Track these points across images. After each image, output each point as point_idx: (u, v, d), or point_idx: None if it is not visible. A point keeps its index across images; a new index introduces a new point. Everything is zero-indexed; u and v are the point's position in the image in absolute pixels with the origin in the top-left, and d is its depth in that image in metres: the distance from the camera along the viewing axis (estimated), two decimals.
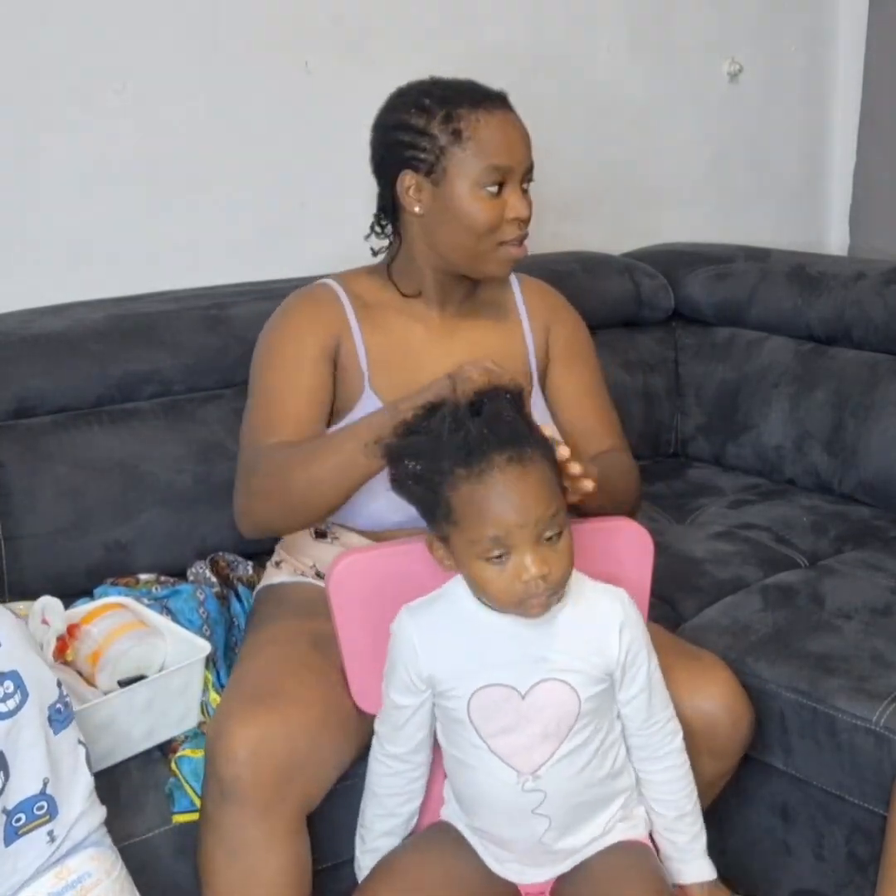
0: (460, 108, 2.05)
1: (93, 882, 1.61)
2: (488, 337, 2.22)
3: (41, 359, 2.40)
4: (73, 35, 2.56)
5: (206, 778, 1.84)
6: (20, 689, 1.56)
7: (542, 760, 1.75)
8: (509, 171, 2.06)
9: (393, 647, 1.79)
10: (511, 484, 1.60)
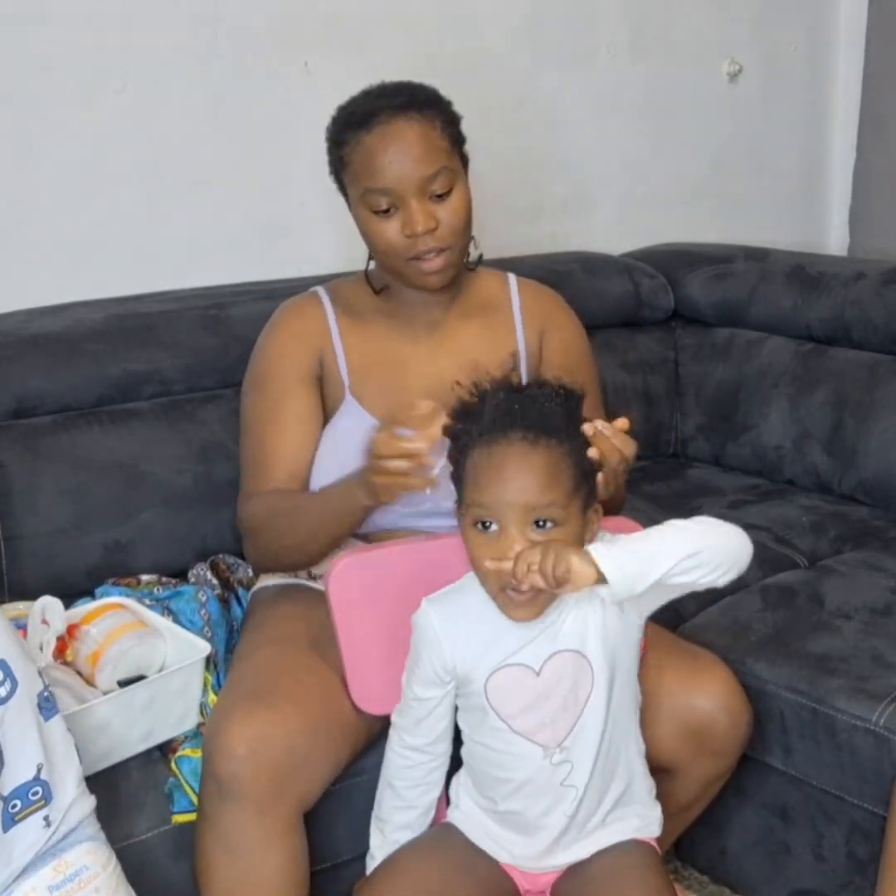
0: (346, 133, 2.06)
1: (90, 875, 1.63)
2: (478, 339, 2.20)
3: (41, 359, 2.40)
4: (72, 35, 2.56)
5: (204, 776, 1.85)
6: (9, 677, 1.58)
7: (565, 732, 1.76)
8: (387, 192, 2.02)
9: (417, 638, 1.80)
10: (512, 458, 1.62)
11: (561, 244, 3.41)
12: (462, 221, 2.06)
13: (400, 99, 2.03)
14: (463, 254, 2.12)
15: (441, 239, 2.03)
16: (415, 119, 2.02)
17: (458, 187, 2.06)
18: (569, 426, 1.66)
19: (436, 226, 2.02)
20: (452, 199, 2.04)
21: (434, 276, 2.07)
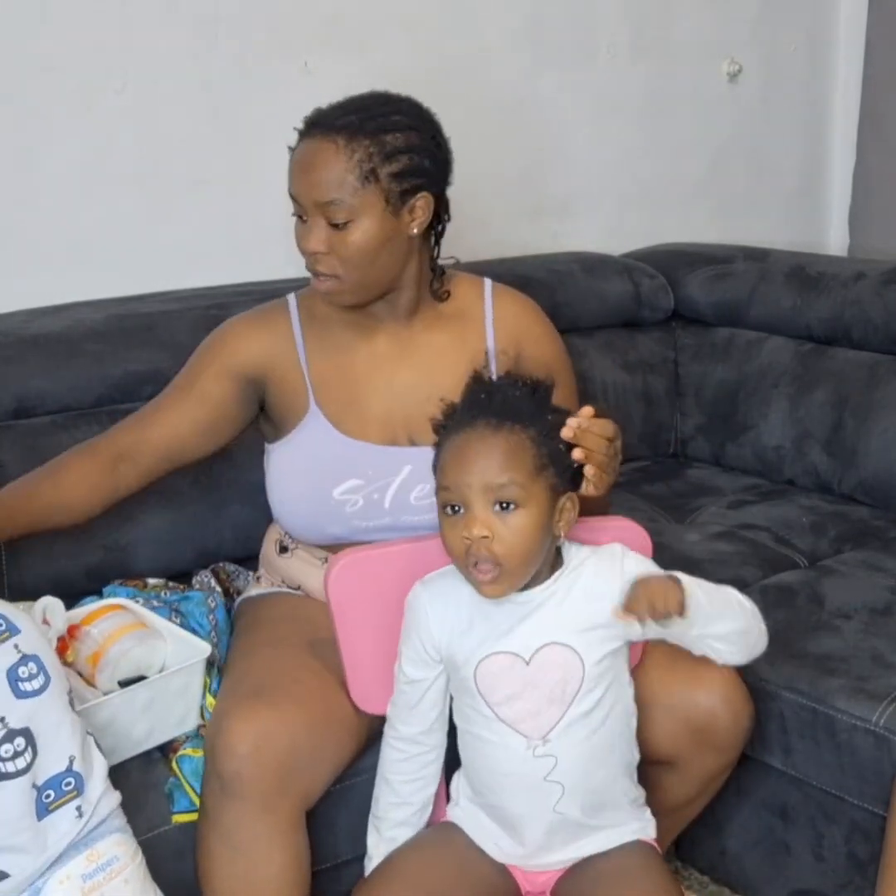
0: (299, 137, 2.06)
1: (121, 866, 1.67)
2: (444, 350, 2.17)
3: (41, 359, 2.40)
4: (73, 36, 2.57)
5: (207, 775, 1.86)
6: (42, 671, 1.63)
7: (550, 725, 1.77)
8: (295, 199, 2.03)
9: (407, 617, 1.83)
10: (473, 442, 1.69)
11: (561, 244, 3.42)
12: (356, 257, 2.00)
13: (338, 119, 2.00)
14: (363, 287, 2.06)
15: (330, 266, 2.01)
16: (332, 143, 1.98)
17: (362, 223, 1.98)
18: (533, 412, 1.72)
19: (326, 251, 2.00)
20: (349, 233, 1.99)
21: (325, 295, 2.08)
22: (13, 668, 1.61)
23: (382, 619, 1.90)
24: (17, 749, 1.58)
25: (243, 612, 2.24)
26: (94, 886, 1.63)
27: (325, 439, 2.12)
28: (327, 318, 2.17)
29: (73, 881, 1.62)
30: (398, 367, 2.16)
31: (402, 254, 2.07)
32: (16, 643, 1.62)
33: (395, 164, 2.00)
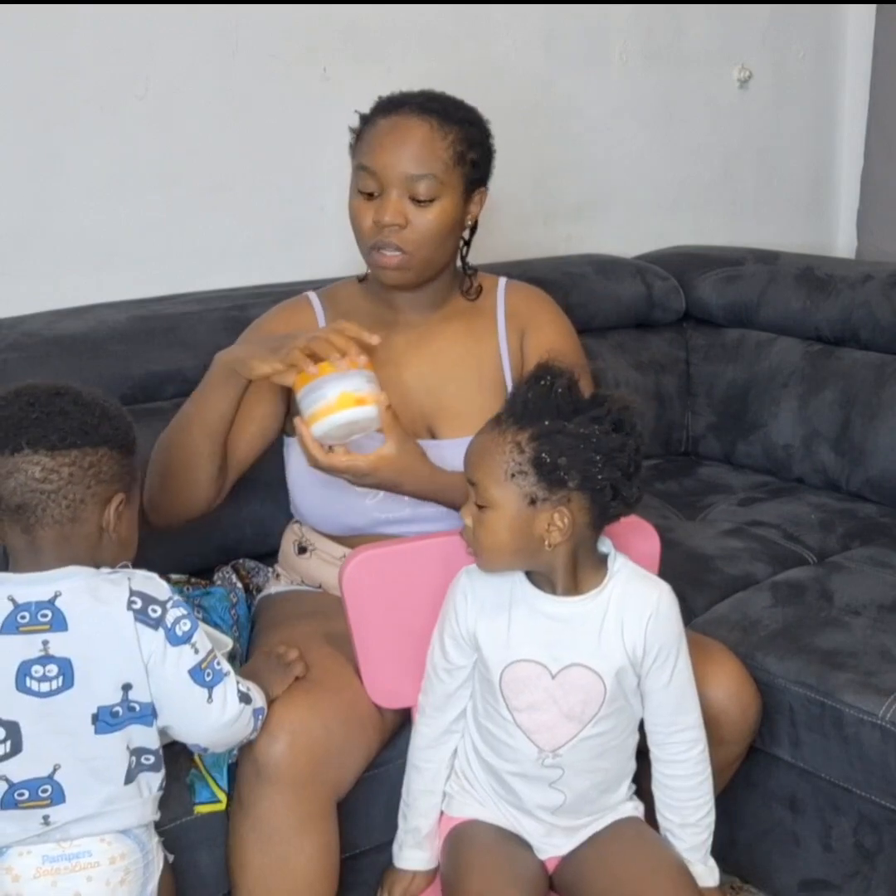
0: (373, 114, 2.09)
1: (90, 862, 1.62)
2: (458, 345, 2.21)
3: (65, 359, 2.40)
4: (96, 42, 2.58)
5: (242, 763, 1.86)
6: (65, 677, 1.58)
7: (562, 741, 1.79)
8: (374, 173, 2.03)
9: (447, 600, 1.84)
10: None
11: (575, 247, 3.43)
12: (431, 234, 2.05)
13: (428, 103, 2.07)
14: (428, 266, 2.10)
15: (404, 240, 2.04)
16: (428, 122, 2.04)
17: (443, 202, 2.05)
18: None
19: (404, 224, 2.03)
20: (431, 210, 2.04)
21: (388, 271, 2.08)
22: (28, 663, 1.58)
23: (397, 615, 1.92)
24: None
25: (263, 609, 2.25)
26: (50, 871, 1.60)
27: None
28: (349, 313, 2.17)
29: (31, 857, 1.60)
30: (412, 359, 2.18)
31: (456, 241, 2.14)
32: (47, 639, 1.58)
33: (475, 153, 2.08)
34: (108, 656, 1.61)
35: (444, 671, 1.85)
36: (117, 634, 1.61)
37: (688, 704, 1.85)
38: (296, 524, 2.29)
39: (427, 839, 1.92)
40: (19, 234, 2.58)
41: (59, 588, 1.59)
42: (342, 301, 2.24)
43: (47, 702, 1.59)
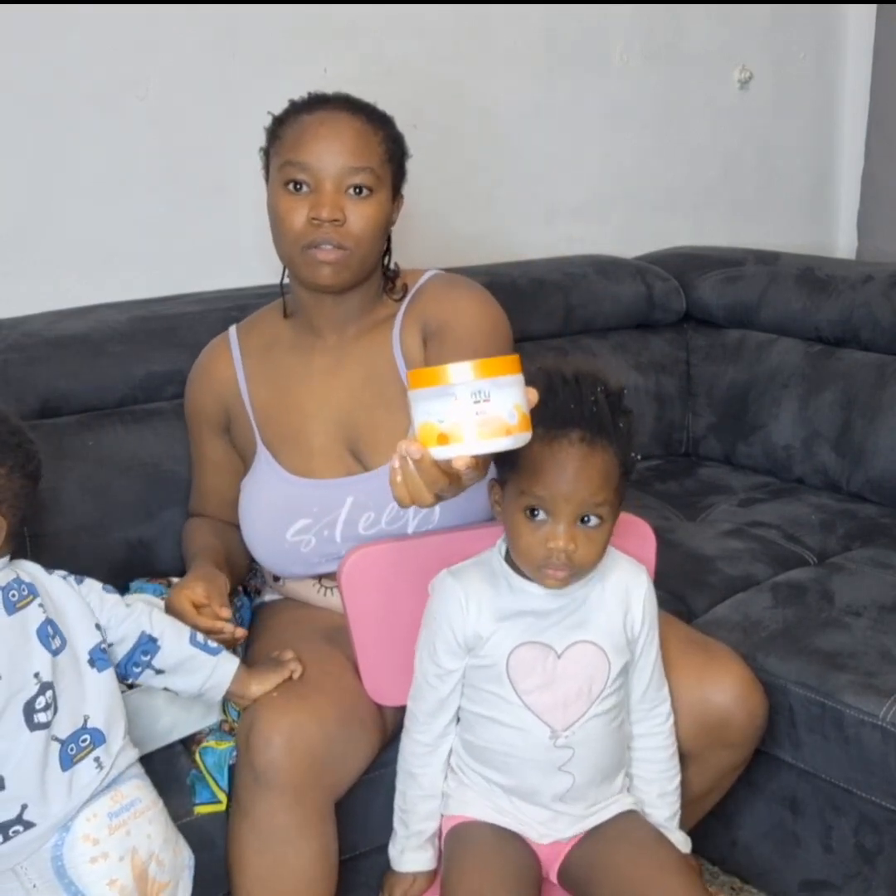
0: (289, 114, 2.07)
1: (144, 807, 1.74)
2: (362, 367, 2.14)
3: (66, 360, 2.41)
4: (97, 43, 2.58)
5: (240, 766, 1.86)
6: (58, 634, 1.70)
7: (574, 718, 1.80)
8: (306, 167, 1.99)
9: (437, 608, 1.83)
10: (574, 460, 1.67)
11: (575, 247, 3.43)
12: (370, 228, 2.01)
13: (352, 100, 2.06)
14: (363, 264, 2.05)
15: (343, 236, 1.99)
16: (358, 119, 2.02)
17: (379, 197, 2.02)
18: (616, 428, 1.71)
19: (343, 220, 1.98)
20: (368, 203, 2.00)
21: (326, 267, 2.01)
22: (42, 626, 1.68)
23: (395, 611, 1.92)
24: (48, 701, 1.66)
25: (260, 614, 2.26)
26: (121, 823, 1.70)
27: (274, 479, 2.14)
28: (267, 346, 2.20)
29: (99, 819, 1.68)
30: (329, 388, 2.14)
31: (383, 245, 2.11)
32: (40, 603, 1.70)
33: (399, 157, 2.08)
34: (71, 609, 1.75)
35: (436, 677, 1.84)
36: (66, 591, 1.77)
37: (662, 678, 1.93)
38: None
39: (430, 841, 1.92)
40: (19, 234, 2.59)
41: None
42: (263, 331, 2.24)
43: (59, 659, 1.69)
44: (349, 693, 1.93)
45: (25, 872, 1.65)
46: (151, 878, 1.72)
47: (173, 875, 1.77)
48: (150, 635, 1.82)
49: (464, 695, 1.86)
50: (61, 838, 1.66)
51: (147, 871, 1.71)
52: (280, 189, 2.03)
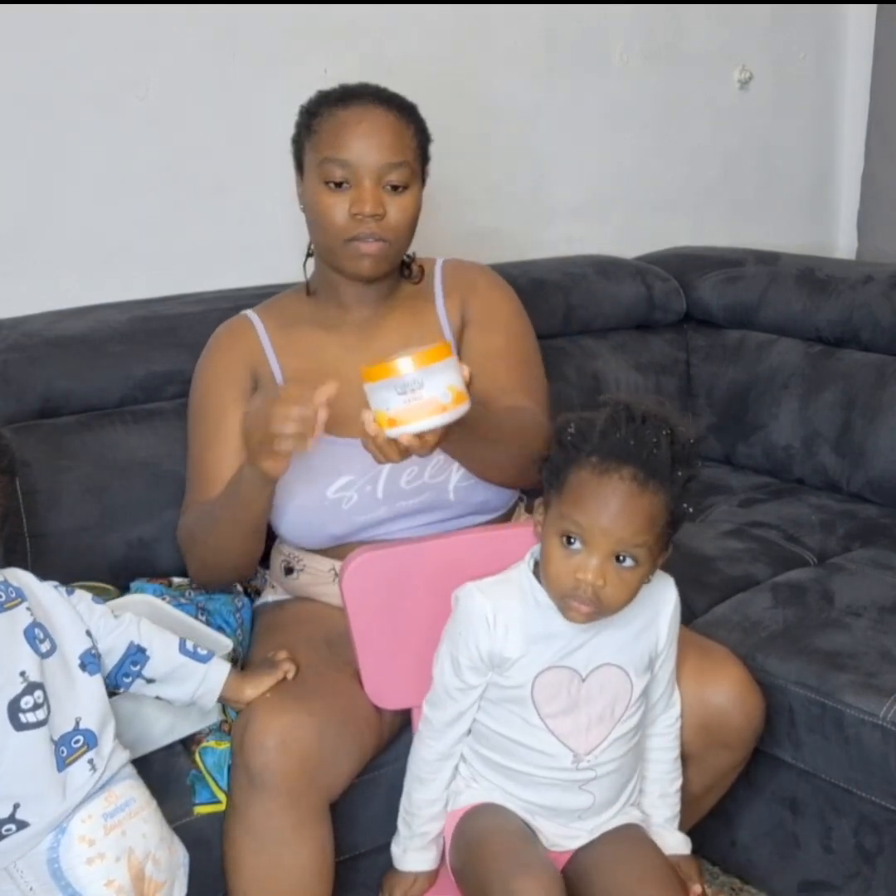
0: (322, 106, 2.09)
1: (138, 807, 1.74)
2: (401, 332, 2.20)
3: (66, 360, 2.41)
4: (97, 43, 2.59)
5: (234, 768, 1.86)
6: (48, 638, 1.71)
7: (597, 742, 1.80)
8: (346, 164, 2.03)
9: (463, 623, 1.80)
10: (621, 496, 1.65)
11: (575, 248, 3.44)
12: (407, 220, 2.07)
13: (382, 93, 2.08)
14: (400, 254, 2.13)
15: (384, 229, 2.04)
16: (392, 114, 2.05)
17: (413, 189, 2.08)
18: (673, 474, 1.69)
19: (383, 214, 2.03)
20: (405, 197, 2.06)
21: (368, 259, 2.07)
22: (29, 628, 1.68)
23: (397, 615, 1.92)
24: (37, 701, 1.65)
25: (261, 615, 2.26)
26: (116, 824, 1.70)
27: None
28: (293, 323, 2.21)
29: (95, 820, 1.68)
30: (364, 355, 2.11)
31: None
32: (28, 607, 1.70)
33: (425, 144, 2.11)
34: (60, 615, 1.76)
35: (458, 691, 1.83)
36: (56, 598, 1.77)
37: (674, 682, 1.94)
38: (282, 543, 2.28)
39: (433, 841, 1.92)
40: (19, 234, 2.59)
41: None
42: (284, 312, 2.24)
43: (50, 661, 1.69)
44: (344, 695, 1.93)
45: (21, 875, 1.65)
46: (148, 878, 1.72)
47: (169, 874, 1.77)
48: (138, 645, 1.83)
49: (481, 708, 1.85)
50: (57, 840, 1.66)
51: (143, 870, 1.71)
52: (320, 185, 2.06)
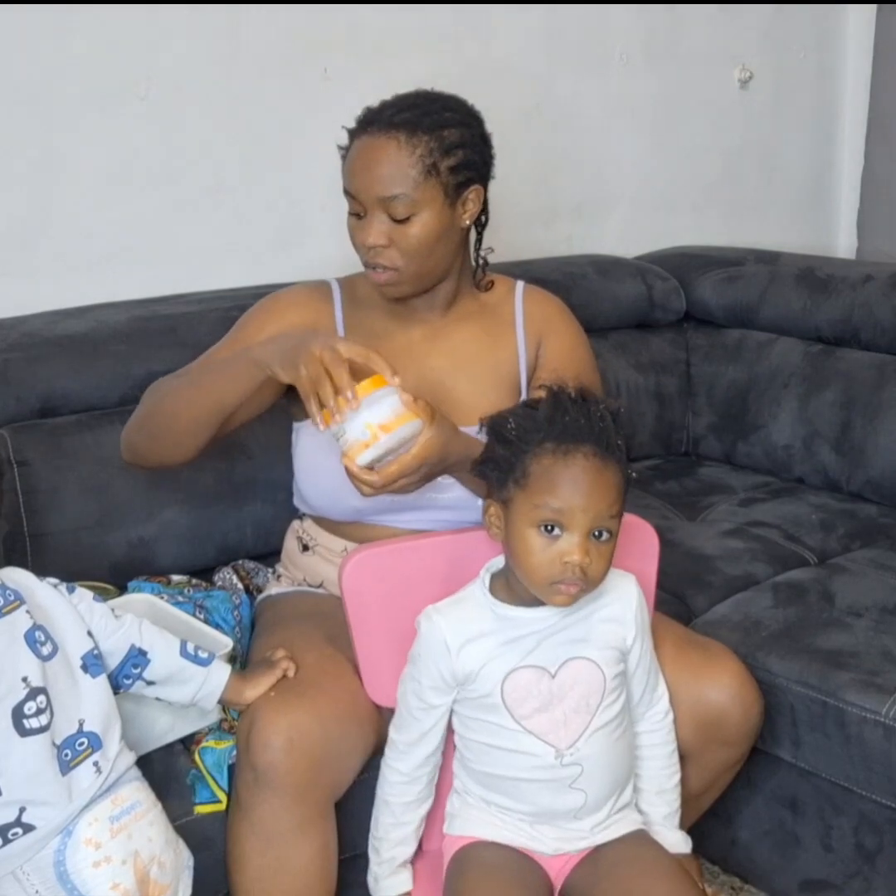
0: (352, 133, 2.07)
1: (144, 809, 1.74)
2: (473, 343, 2.20)
3: (66, 359, 2.42)
4: (97, 42, 2.59)
5: (240, 767, 1.86)
6: (49, 640, 1.70)
7: (577, 734, 1.80)
8: (354, 197, 2.04)
9: (423, 648, 1.81)
10: (589, 472, 1.69)
11: (575, 247, 3.45)
12: (416, 248, 2.04)
13: (395, 116, 2.03)
14: (422, 275, 2.09)
15: (391, 259, 2.04)
16: (395, 140, 2.01)
17: (422, 217, 2.02)
18: (618, 442, 1.74)
19: (386, 244, 2.02)
20: (411, 226, 2.02)
21: (382, 287, 2.09)
22: (30, 632, 1.68)
23: (396, 613, 1.91)
24: (40, 706, 1.65)
25: (264, 610, 2.25)
26: (122, 827, 1.70)
27: None
28: (367, 305, 2.20)
29: (101, 823, 1.68)
30: (429, 353, 2.18)
31: (454, 245, 2.11)
32: (27, 610, 1.69)
33: (452, 158, 2.04)
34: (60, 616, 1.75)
35: (420, 710, 1.83)
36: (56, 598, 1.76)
37: (658, 677, 1.94)
38: (297, 521, 2.29)
39: (402, 865, 1.91)
40: (20, 234, 2.59)
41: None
42: (360, 292, 2.23)
43: (52, 664, 1.69)
44: (348, 692, 1.93)
45: (28, 878, 1.65)
46: (153, 881, 1.72)
47: (174, 876, 1.77)
48: (139, 648, 1.82)
49: (461, 723, 1.85)
50: (63, 843, 1.66)
51: (149, 873, 1.71)
52: (348, 215, 2.08)
